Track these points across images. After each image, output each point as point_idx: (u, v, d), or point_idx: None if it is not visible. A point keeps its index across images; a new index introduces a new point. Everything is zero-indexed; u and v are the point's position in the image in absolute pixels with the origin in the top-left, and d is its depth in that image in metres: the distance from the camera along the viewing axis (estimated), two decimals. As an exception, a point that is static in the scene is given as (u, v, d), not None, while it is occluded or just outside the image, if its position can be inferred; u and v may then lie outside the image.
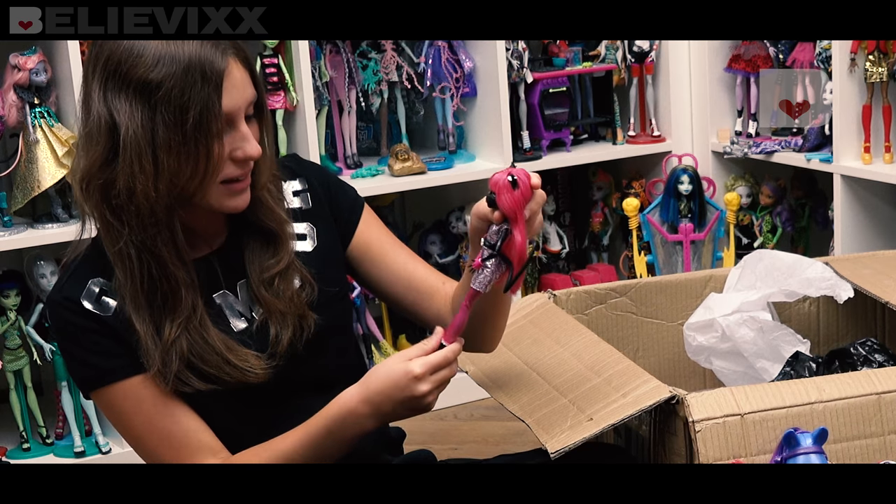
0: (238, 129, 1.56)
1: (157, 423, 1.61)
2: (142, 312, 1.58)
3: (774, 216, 3.36)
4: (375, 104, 3.22)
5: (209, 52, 1.52)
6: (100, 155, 1.53)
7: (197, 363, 1.59)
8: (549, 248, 3.50)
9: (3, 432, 2.97)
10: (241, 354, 1.61)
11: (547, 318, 2.15)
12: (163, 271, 1.57)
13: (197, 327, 1.59)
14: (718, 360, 2.19)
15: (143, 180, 1.51)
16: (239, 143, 1.56)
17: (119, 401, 1.62)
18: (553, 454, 1.66)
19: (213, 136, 1.52)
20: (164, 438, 1.62)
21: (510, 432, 2.88)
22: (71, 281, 1.62)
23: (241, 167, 1.58)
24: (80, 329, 1.60)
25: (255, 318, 1.66)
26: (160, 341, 1.57)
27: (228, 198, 1.58)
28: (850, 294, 2.22)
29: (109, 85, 1.53)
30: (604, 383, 1.83)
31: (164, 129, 1.50)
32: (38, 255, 2.78)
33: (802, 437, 1.64)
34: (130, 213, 1.53)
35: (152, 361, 1.58)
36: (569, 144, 3.37)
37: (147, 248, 1.55)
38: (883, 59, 2.90)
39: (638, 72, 3.43)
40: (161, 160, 1.51)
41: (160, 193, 1.52)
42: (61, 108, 2.78)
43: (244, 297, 1.67)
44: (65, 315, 1.61)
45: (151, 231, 1.54)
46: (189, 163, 1.52)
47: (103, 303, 1.60)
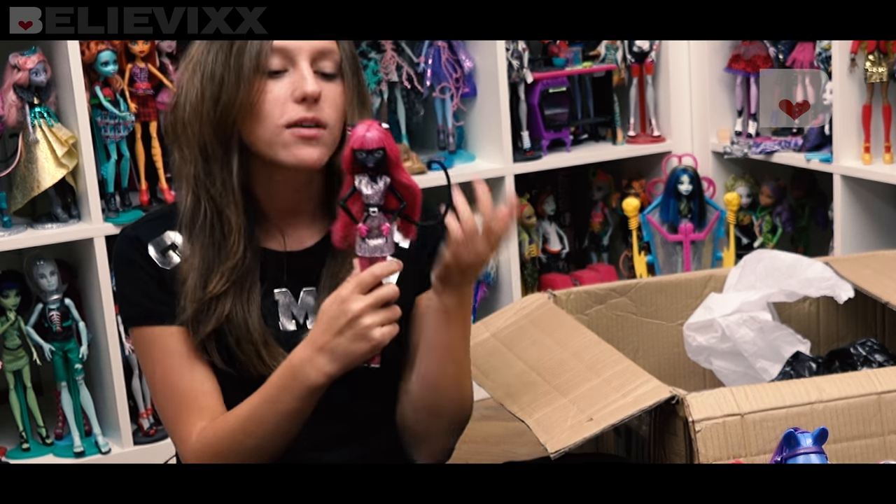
0: (298, 69, 1.59)
1: (172, 375, 1.64)
2: (194, 257, 1.62)
3: (774, 216, 3.36)
4: (375, 104, 3.22)
5: None
6: (172, 98, 1.66)
7: (232, 344, 1.61)
8: (549, 248, 3.50)
9: (2, 432, 2.96)
10: (274, 353, 1.63)
11: (547, 318, 2.15)
12: (217, 215, 1.61)
13: (245, 306, 1.61)
14: (718, 360, 2.19)
15: (189, 109, 1.61)
16: (297, 82, 1.59)
17: (148, 344, 1.66)
18: (553, 454, 1.66)
19: (253, 66, 1.58)
20: (174, 393, 1.65)
21: (510, 432, 2.88)
22: (149, 224, 1.68)
23: (305, 109, 1.59)
24: (137, 267, 1.65)
25: (307, 328, 1.66)
26: (202, 292, 1.61)
27: (295, 145, 1.59)
28: (850, 294, 2.22)
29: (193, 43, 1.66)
30: (604, 383, 1.83)
31: (213, 59, 1.59)
32: (37, 255, 2.78)
33: (802, 437, 1.64)
34: (188, 145, 1.62)
35: (185, 310, 1.61)
36: (569, 144, 3.37)
37: (205, 185, 1.61)
38: (883, 59, 2.90)
39: (638, 72, 3.43)
40: (206, 87, 1.59)
41: (203, 121, 1.60)
42: (61, 108, 2.77)
43: (305, 302, 1.67)
44: (127, 250, 1.66)
45: (208, 166, 1.61)
46: (227, 90, 1.58)
47: (168, 256, 1.65)
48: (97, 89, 2.77)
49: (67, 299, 2.81)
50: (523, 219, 3.36)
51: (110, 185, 2.83)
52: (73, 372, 2.84)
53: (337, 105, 1.61)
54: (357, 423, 1.69)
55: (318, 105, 1.59)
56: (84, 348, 2.83)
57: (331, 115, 1.60)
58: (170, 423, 1.67)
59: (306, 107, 1.58)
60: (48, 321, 2.79)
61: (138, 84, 2.83)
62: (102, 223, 2.77)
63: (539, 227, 3.47)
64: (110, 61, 2.76)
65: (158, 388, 1.67)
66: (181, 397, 1.64)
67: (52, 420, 2.92)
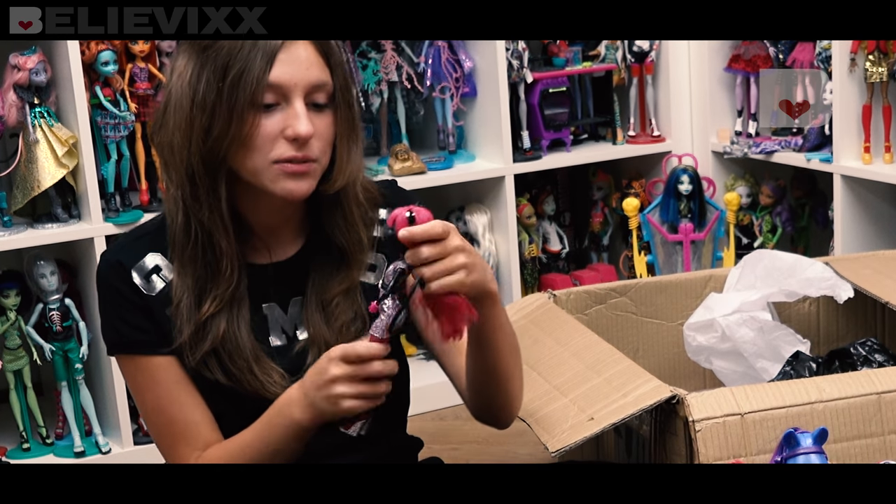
0: (292, 106, 1.55)
1: (164, 406, 1.63)
2: (186, 280, 1.60)
3: (774, 216, 3.35)
4: (375, 104, 3.22)
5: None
6: (157, 113, 1.61)
7: (225, 359, 1.60)
8: (549, 248, 3.50)
9: (3, 432, 2.96)
10: (267, 368, 1.62)
11: (547, 317, 2.15)
12: (208, 238, 1.59)
13: (234, 321, 1.60)
14: (718, 360, 2.19)
15: (178, 135, 1.56)
16: (290, 121, 1.55)
17: (136, 372, 1.65)
18: (553, 453, 1.66)
19: (247, 101, 1.53)
20: (166, 423, 1.64)
21: (510, 432, 2.85)
22: (130, 247, 1.65)
23: (295, 148, 1.56)
24: (120, 295, 1.62)
25: (297, 339, 1.65)
26: (197, 313, 1.59)
27: (283, 179, 1.56)
28: (850, 294, 2.22)
29: (181, 47, 1.60)
30: (604, 383, 1.83)
31: (205, 86, 1.54)
32: (37, 255, 2.78)
33: (802, 437, 1.64)
34: (175, 169, 1.58)
35: (182, 332, 1.59)
36: (569, 144, 3.37)
37: (193, 210, 1.58)
38: (883, 59, 2.90)
39: (638, 72, 3.43)
40: (195, 116, 1.54)
41: (192, 150, 1.55)
42: (61, 108, 2.78)
43: (293, 313, 1.66)
44: (110, 276, 1.63)
45: (195, 192, 1.57)
46: (219, 122, 1.54)
47: (151, 281, 1.63)
48: (97, 89, 2.77)
49: (67, 299, 2.81)
50: (523, 219, 3.36)
51: (110, 185, 2.83)
52: (74, 372, 2.84)
53: (327, 137, 1.59)
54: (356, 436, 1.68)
55: (309, 143, 1.56)
56: (84, 348, 2.83)
57: (320, 149, 1.58)
58: (165, 450, 1.67)
59: (297, 146, 1.55)
60: (48, 321, 2.79)
61: (138, 84, 2.83)
62: (102, 223, 2.77)
63: (539, 227, 3.47)
64: (110, 61, 2.76)
65: (151, 416, 1.66)
66: (175, 428, 1.64)
67: (53, 420, 2.92)
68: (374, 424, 1.57)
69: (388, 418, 1.70)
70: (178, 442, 1.64)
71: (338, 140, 1.61)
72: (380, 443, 1.68)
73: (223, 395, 1.63)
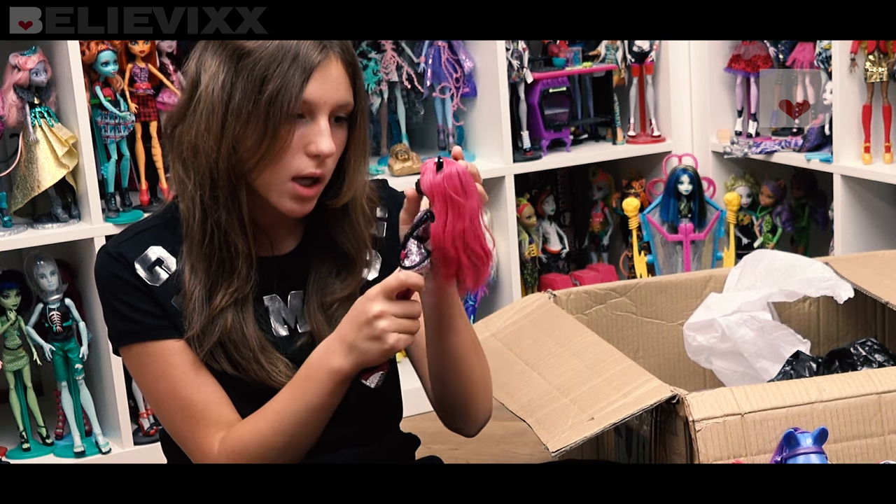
0: (317, 123, 1.57)
1: (181, 390, 1.62)
2: (198, 274, 1.61)
3: (774, 216, 3.36)
4: (375, 104, 3.22)
5: (311, 44, 1.55)
6: (180, 106, 1.60)
7: (231, 350, 1.61)
8: (549, 248, 3.51)
9: (3, 432, 2.96)
10: (272, 357, 1.62)
11: (547, 317, 2.15)
12: (224, 237, 1.60)
13: (240, 313, 1.61)
14: (718, 360, 2.19)
15: (207, 139, 1.56)
16: (314, 137, 1.56)
17: (148, 360, 1.63)
18: (553, 453, 1.67)
19: (283, 116, 1.54)
20: (185, 407, 1.62)
21: (510, 432, 2.88)
22: (131, 241, 1.64)
23: (314, 165, 1.57)
24: (126, 283, 1.62)
25: (299, 331, 1.67)
26: (208, 307, 1.60)
27: (291, 199, 1.59)
28: (850, 294, 2.22)
29: (209, 47, 1.59)
30: (604, 383, 1.83)
31: (241, 96, 1.55)
32: (37, 255, 2.78)
33: (802, 437, 1.64)
34: (196, 170, 1.58)
35: (192, 324, 1.59)
36: (569, 144, 3.37)
37: (210, 210, 1.59)
38: (883, 59, 2.90)
39: (638, 72, 3.43)
40: (229, 123, 1.55)
41: (221, 156, 1.56)
42: (61, 108, 2.78)
43: (294, 305, 1.67)
44: (113, 268, 1.62)
45: (215, 194, 1.58)
46: (254, 134, 1.55)
47: (155, 272, 1.63)
48: (97, 89, 2.77)
49: (67, 299, 2.81)
50: (523, 219, 3.36)
51: (110, 185, 2.83)
52: (74, 372, 2.84)
53: (339, 153, 1.61)
54: (356, 428, 1.69)
55: (325, 161, 1.59)
56: (84, 348, 2.83)
57: (331, 167, 1.60)
58: (184, 437, 1.64)
59: (316, 163, 1.57)
60: (48, 321, 2.79)
61: (138, 84, 2.83)
62: (102, 223, 2.77)
63: (539, 227, 3.47)
64: (110, 61, 2.76)
65: (166, 404, 1.64)
66: (194, 410, 1.62)
67: (53, 420, 2.92)
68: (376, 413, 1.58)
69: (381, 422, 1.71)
70: (198, 424, 1.62)
71: (350, 158, 1.63)
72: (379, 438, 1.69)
73: (229, 386, 1.63)
